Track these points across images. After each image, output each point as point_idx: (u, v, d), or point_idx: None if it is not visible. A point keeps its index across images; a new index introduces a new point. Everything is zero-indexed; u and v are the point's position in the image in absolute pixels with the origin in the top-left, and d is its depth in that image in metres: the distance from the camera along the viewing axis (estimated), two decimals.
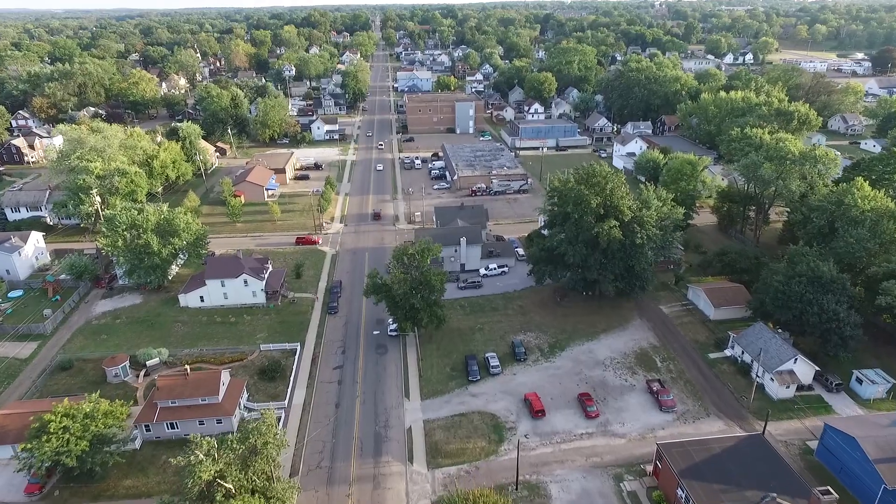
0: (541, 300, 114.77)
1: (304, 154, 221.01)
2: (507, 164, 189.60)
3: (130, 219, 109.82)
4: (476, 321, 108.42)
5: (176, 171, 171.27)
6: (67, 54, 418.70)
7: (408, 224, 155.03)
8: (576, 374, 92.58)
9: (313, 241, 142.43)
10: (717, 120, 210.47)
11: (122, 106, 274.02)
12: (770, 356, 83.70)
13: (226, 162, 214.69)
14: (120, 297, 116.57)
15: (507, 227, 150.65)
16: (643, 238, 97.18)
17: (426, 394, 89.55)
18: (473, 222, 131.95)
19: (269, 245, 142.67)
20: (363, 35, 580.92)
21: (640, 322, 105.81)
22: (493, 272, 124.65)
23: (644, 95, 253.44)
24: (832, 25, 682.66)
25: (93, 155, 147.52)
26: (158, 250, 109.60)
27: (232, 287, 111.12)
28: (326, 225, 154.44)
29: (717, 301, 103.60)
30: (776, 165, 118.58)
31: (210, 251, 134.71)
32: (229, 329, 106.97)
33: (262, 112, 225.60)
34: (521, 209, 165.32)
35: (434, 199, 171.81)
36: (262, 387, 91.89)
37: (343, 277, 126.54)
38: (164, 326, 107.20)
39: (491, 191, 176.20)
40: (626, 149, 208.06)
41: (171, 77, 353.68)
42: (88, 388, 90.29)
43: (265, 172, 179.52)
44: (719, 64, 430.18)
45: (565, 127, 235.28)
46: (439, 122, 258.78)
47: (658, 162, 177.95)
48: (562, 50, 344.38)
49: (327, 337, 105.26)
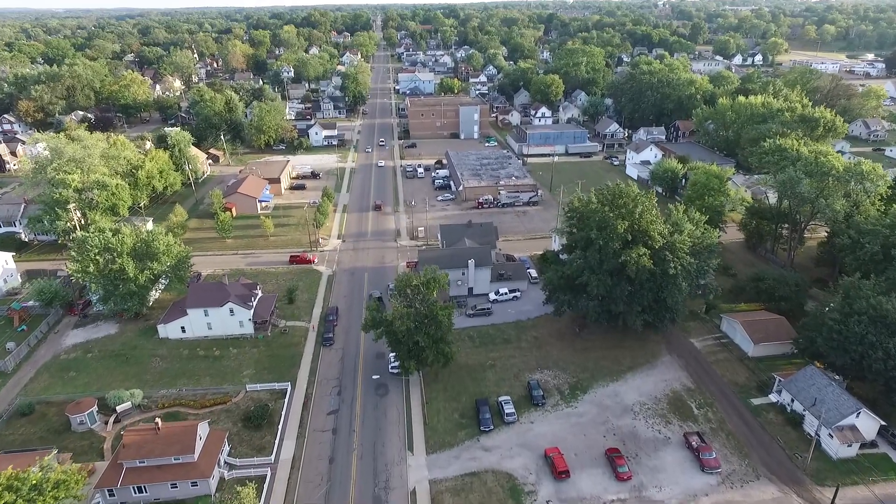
0: (557, 330, 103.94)
1: (300, 161, 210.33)
2: (516, 174, 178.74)
3: (103, 242, 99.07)
4: (486, 355, 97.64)
5: (163, 182, 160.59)
6: (61, 55, 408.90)
7: (410, 240, 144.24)
8: (601, 422, 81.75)
9: (308, 261, 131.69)
10: (735, 126, 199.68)
11: (113, 109, 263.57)
12: (828, 408, 72.87)
13: (218, 170, 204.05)
14: (94, 326, 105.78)
15: (518, 245, 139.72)
16: (676, 268, 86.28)
17: (432, 446, 78.79)
18: (482, 241, 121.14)
19: (260, 264, 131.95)
20: (364, 35, 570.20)
21: (670, 359, 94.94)
22: (505, 297, 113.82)
23: (656, 99, 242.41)
24: (841, 26, 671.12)
25: (71, 166, 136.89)
26: (135, 276, 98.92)
27: (216, 316, 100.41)
28: (323, 241, 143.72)
29: (757, 335, 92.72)
30: (817, 182, 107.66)
31: (196, 272, 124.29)
32: (213, 364, 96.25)
33: (257, 117, 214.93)
34: (532, 223, 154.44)
35: (438, 212, 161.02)
36: (247, 436, 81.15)
37: (340, 302, 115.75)
38: (141, 361, 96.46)
39: (498, 203, 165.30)
40: (640, 156, 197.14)
41: (166, 79, 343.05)
42: (50, 437, 79.97)
43: (258, 182, 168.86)
44: (730, 65, 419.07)
45: (575, 132, 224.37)
46: (443, 127, 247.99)
47: (676, 172, 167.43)
48: (568, 51, 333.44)
49: (321, 374, 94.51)
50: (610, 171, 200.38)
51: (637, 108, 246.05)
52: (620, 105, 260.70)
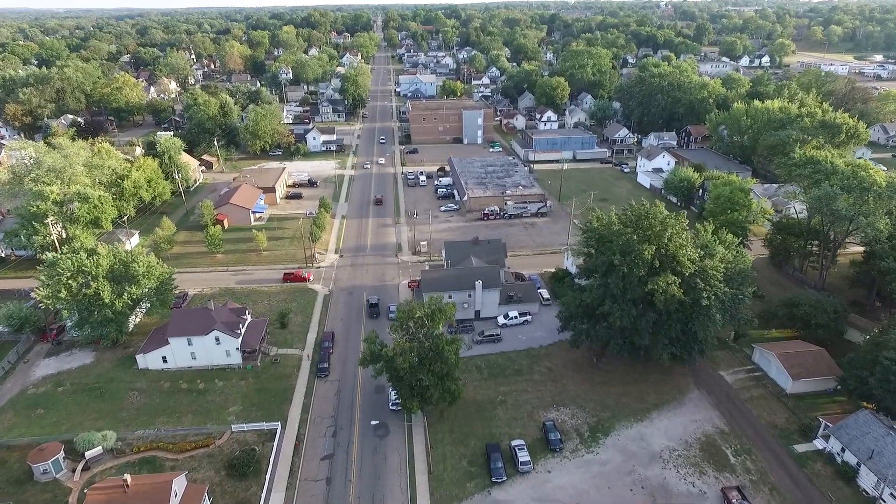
0: (573, 360, 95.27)
1: (297, 168, 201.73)
2: (523, 183, 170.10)
3: (76, 264, 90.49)
4: (496, 389, 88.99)
5: (151, 192, 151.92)
6: (54, 56, 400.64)
7: (412, 255, 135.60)
8: (627, 472, 73.03)
9: (303, 279, 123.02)
10: (751, 132, 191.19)
11: (104, 113, 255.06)
12: (887, 462, 64.20)
13: (212, 177, 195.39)
14: (68, 354, 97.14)
15: (527, 261, 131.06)
16: (710, 298, 77.54)
17: (438, 500, 70.15)
18: (490, 260, 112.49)
19: (252, 282, 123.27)
20: (364, 36, 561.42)
21: (699, 395, 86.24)
22: (514, 321, 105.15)
23: (667, 103, 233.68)
24: (847, 27, 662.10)
25: (50, 177, 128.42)
26: (111, 301, 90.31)
27: (201, 345, 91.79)
28: (319, 256, 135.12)
29: (796, 370, 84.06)
30: (855, 198, 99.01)
31: (182, 291, 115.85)
32: (196, 399, 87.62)
33: (252, 121, 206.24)
34: (541, 237, 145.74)
35: (441, 224, 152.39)
36: (231, 487, 72.50)
37: (336, 326, 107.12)
38: (117, 396, 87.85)
39: (505, 214, 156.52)
40: (652, 163, 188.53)
41: (161, 81, 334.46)
42: (9, 489, 71.39)
43: (252, 192, 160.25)
44: (737, 67, 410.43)
45: (583, 138, 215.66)
46: (445, 132, 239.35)
47: (693, 181, 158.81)
48: (574, 53, 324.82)
49: (315, 411, 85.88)
50: (620, 179, 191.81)
51: (647, 113, 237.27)
52: (629, 109, 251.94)
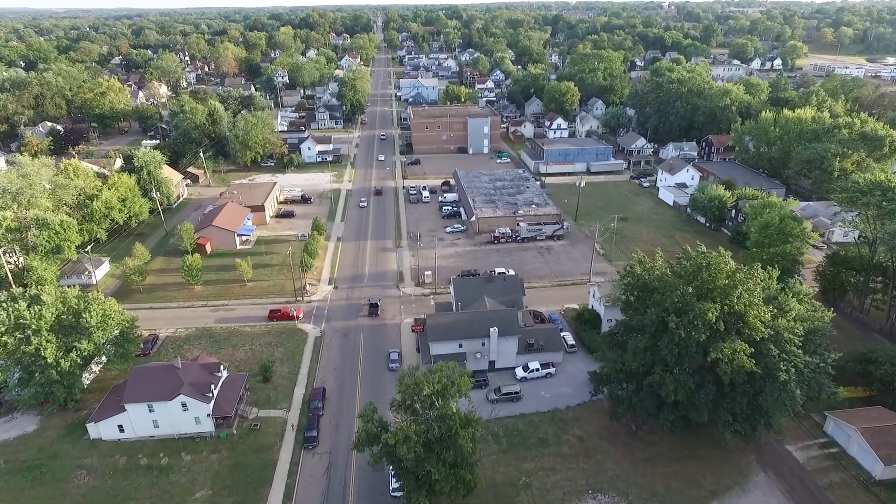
0: (607, 427, 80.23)
1: (290, 182, 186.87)
2: (536, 201, 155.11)
3: (13, 316, 75.47)
4: (518, 467, 74.00)
5: (126, 212, 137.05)
6: (42, 58, 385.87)
7: (416, 287, 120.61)
8: None
9: (291, 316, 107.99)
10: (781, 143, 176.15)
11: (86, 119, 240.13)
12: None
13: (197, 191, 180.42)
14: (8, 419, 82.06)
15: (545, 295, 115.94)
16: (789, 372, 62.49)
17: None
18: (506, 300, 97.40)
19: (233, 319, 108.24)
20: (364, 37, 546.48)
21: (766, 479, 71.12)
22: (536, 374, 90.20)
23: (686, 111, 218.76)
24: (858, 28, 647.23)
25: (5, 199, 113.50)
26: (56, 361, 75.31)
27: (165, 412, 76.82)
28: (311, 286, 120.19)
29: (886, 450, 68.97)
30: None
31: (153, 333, 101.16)
32: (156, 481, 72.59)
33: (242, 130, 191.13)
34: (559, 263, 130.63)
35: (447, 247, 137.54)
36: None
37: (329, 378, 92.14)
38: (61, 477, 72.82)
39: (517, 236, 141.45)
40: (675, 178, 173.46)
41: (152, 84, 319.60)
42: None
43: (238, 211, 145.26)
44: (751, 70, 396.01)
45: (597, 149, 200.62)
46: (449, 141, 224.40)
47: (724, 200, 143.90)
48: (583, 56, 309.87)
49: (300, 496, 70.90)
50: (640, 195, 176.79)
51: (664, 121, 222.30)
52: (644, 116, 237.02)
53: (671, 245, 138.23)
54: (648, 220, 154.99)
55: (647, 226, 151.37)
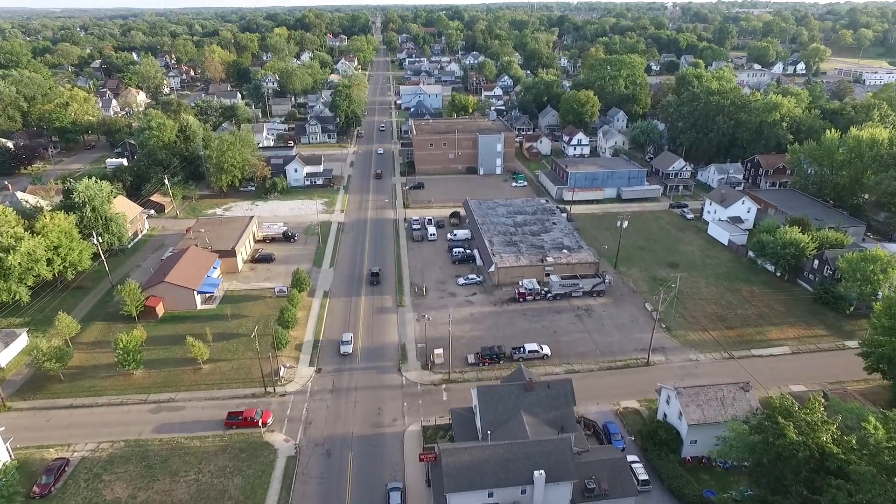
0: None
1: (272, 211, 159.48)
2: (567, 243, 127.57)
3: None
4: None
5: (59, 263, 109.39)
6: (13, 62, 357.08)
7: (423, 371, 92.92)
8: None
9: (255, 423, 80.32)
10: (849, 169, 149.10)
11: (45, 134, 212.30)
12: None
13: (162, 224, 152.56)
14: None
15: (592, 385, 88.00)
16: None
17: None
18: (550, 417, 69.62)
19: (177, 427, 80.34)
20: (362, 39, 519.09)
21: None
22: None
23: (728, 127, 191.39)
24: (877, 30, 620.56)
25: None
26: None
27: None
28: (286, 370, 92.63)
29: None
30: None
31: (61, 458, 73.48)
32: None
33: (217, 151, 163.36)
34: (604, 333, 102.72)
35: (461, 308, 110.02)
36: None
37: None
38: None
39: (548, 293, 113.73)
40: (728, 212, 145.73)
41: (128, 91, 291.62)
42: None
43: (202, 259, 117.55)
44: (778, 76, 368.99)
45: (630, 172, 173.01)
46: (457, 160, 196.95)
47: (803, 246, 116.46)
48: (601, 61, 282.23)
49: None
50: (685, 230, 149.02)
51: (704, 138, 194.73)
52: (675, 131, 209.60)
53: (738, 303, 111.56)
54: (703, 267, 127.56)
55: (702, 274, 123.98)
